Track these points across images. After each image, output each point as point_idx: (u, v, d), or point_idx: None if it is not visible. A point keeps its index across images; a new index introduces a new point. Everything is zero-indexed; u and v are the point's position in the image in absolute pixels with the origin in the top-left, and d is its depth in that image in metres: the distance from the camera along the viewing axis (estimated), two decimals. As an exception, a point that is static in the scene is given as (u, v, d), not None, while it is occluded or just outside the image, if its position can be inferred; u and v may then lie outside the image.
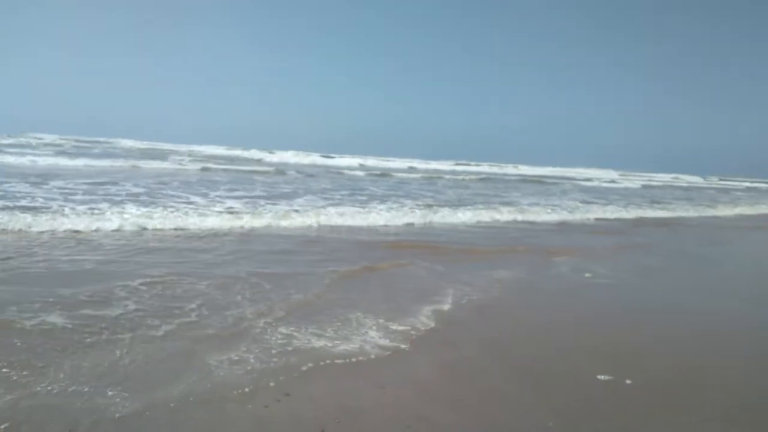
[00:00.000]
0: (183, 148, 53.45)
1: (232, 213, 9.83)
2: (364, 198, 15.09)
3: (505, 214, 12.96)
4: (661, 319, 5.19)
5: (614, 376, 3.56)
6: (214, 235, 8.11)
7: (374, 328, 4.28)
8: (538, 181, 37.45)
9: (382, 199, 14.90)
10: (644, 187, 41.33)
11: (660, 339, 4.52)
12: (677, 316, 5.33)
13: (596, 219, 14.43)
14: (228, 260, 6.42)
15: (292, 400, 3.02)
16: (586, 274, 6.96)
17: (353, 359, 3.63)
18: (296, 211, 10.62)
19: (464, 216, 12.10)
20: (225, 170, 24.28)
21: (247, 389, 3.11)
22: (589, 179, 48.07)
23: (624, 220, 14.85)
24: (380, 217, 10.82)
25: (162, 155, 36.85)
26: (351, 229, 9.52)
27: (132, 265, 5.88)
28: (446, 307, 5.04)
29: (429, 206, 13.73)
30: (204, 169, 23.66)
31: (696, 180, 78.88)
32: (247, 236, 8.25)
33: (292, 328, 4.14)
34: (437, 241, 8.96)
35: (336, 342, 3.92)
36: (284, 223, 9.41)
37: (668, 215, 17.20)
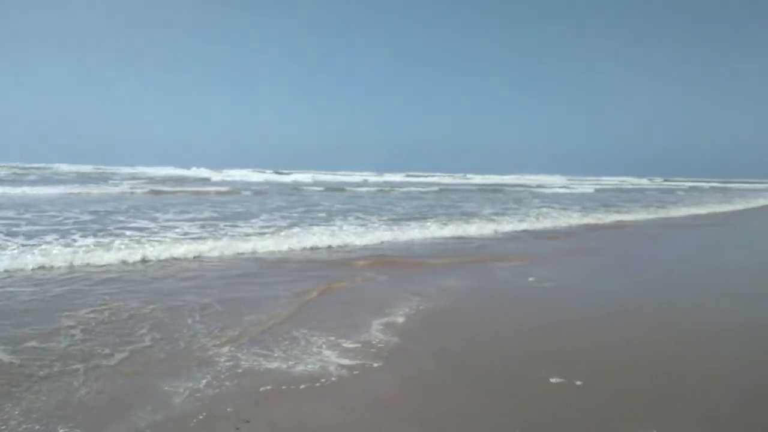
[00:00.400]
0: (125, 170, 51.90)
1: (188, 238, 9.57)
2: (323, 215, 15.01)
3: (472, 226, 12.96)
4: (609, 320, 5.40)
5: (565, 378, 3.69)
6: (171, 261, 7.90)
7: (331, 347, 4.28)
8: (493, 189, 38.18)
9: (343, 215, 14.87)
10: (597, 191, 42.72)
11: (604, 339, 4.70)
12: (623, 316, 5.56)
13: (558, 226, 14.58)
14: (183, 287, 6.28)
15: (252, 427, 2.98)
16: (530, 279, 7.21)
17: (313, 380, 3.61)
18: (259, 234, 10.33)
19: (426, 230, 12.01)
20: (175, 192, 23.72)
21: (205, 418, 3.06)
22: (542, 186, 49.37)
23: (584, 225, 15.12)
24: (343, 234, 10.62)
25: (104, 178, 35.74)
26: (312, 249, 9.46)
27: (81, 296, 5.67)
28: (401, 320, 5.09)
29: (393, 220, 13.80)
30: (153, 192, 23.04)
31: (643, 182, 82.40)
32: (205, 262, 8.08)
33: (249, 353, 4.10)
34: (399, 255, 9.04)
35: (294, 364, 3.89)
36: (244, 245, 9.02)
37: (630, 218, 17.58)
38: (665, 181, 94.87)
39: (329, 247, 9.65)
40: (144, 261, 7.72)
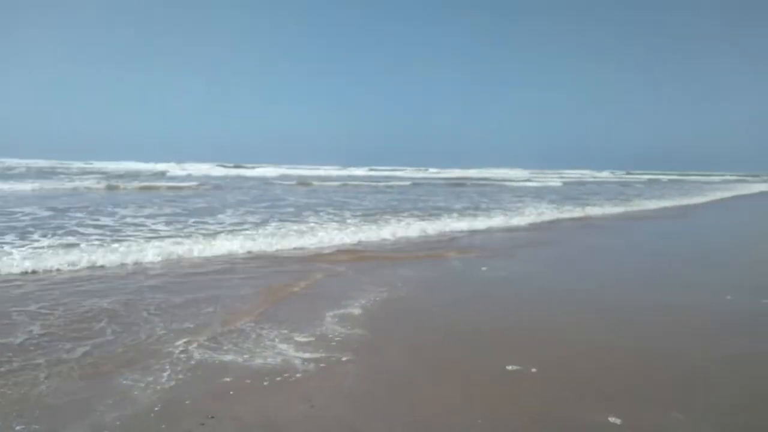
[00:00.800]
0: (79, 164, 49.99)
1: (156, 237, 9.21)
2: (291, 209, 14.83)
3: (446, 221, 12.72)
4: (555, 309, 5.53)
5: (521, 366, 3.80)
6: (139, 263, 7.50)
7: (293, 342, 4.28)
8: (461, 184, 38.18)
9: (314, 211, 14.68)
10: (565, 184, 43.34)
11: (556, 327, 4.86)
12: (571, 306, 5.71)
13: (536, 221, 14.20)
14: (148, 287, 6.16)
15: (217, 422, 2.96)
16: (483, 268, 7.46)
17: (276, 375, 3.62)
18: (229, 232, 9.86)
19: (404, 226, 11.62)
20: (134, 187, 22.99)
21: (169, 414, 3.03)
22: (509, 179, 49.71)
23: (560, 220, 14.92)
24: (314, 231, 10.20)
25: (58, 173, 34.48)
26: (283, 248, 9.26)
27: (41, 297, 5.50)
28: (361, 312, 5.16)
29: (366, 216, 13.58)
30: (110, 187, 22.35)
31: (604, 175, 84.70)
32: (173, 264, 7.90)
33: (212, 349, 4.08)
34: (371, 250, 9.08)
35: (257, 359, 3.89)
36: (218, 244, 8.50)
37: (608, 212, 17.45)
38: (627, 174, 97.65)
39: (299, 247, 9.22)
40: (101, 266, 7.06)
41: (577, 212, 16.74)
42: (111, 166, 48.52)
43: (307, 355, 3.97)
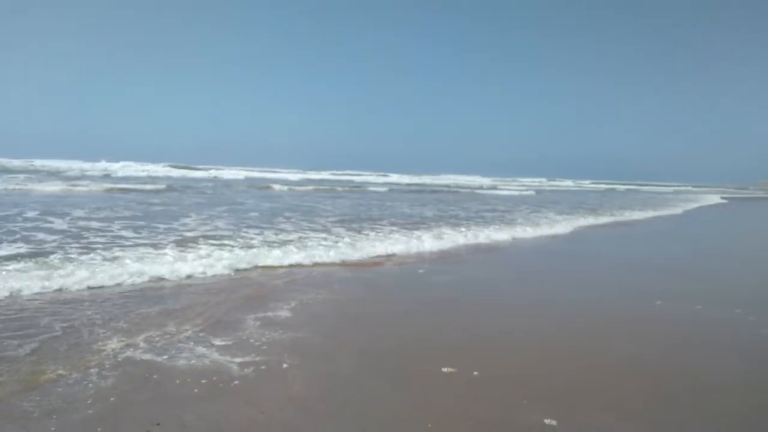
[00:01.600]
0: (16, 162, 47.11)
1: (130, 247, 8.60)
2: (254, 214, 14.54)
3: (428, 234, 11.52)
4: (495, 314, 5.75)
5: (461, 369, 3.92)
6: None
7: (236, 347, 4.28)
8: (419, 190, 37.85)
9: (285, 218, 14.35)
10: (538, 192, 43.74)
11: (498, 331, 5.04)
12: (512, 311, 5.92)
13: (549, 232, 13.65)
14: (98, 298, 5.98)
15: (163, 429, 2.94)
16: (420, 270, 7.75)
17: (223, 381, 3.61)
18: (204, 243, 8.87)
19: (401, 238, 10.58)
20: (84, 188, 21.83)
21: (112, 421, 3.01)
22: (477, 187, 49.56)
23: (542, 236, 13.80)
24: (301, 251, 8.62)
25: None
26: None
27: None
28: (286, 314, 5.25)
29: (351, 222, 13.06)
30: (62, 187, 21.48)
31: (567, 183, 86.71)
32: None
33: (157, 355, 4.04)
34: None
35: (205, 365, 3.88)
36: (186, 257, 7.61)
37: (594, 222, 17.32)
38: (592, 183, 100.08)
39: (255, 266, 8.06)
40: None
41: (564, 224, 15.59)
42: (58, 164, 46.03)
43: (250, 359, 4.00)
